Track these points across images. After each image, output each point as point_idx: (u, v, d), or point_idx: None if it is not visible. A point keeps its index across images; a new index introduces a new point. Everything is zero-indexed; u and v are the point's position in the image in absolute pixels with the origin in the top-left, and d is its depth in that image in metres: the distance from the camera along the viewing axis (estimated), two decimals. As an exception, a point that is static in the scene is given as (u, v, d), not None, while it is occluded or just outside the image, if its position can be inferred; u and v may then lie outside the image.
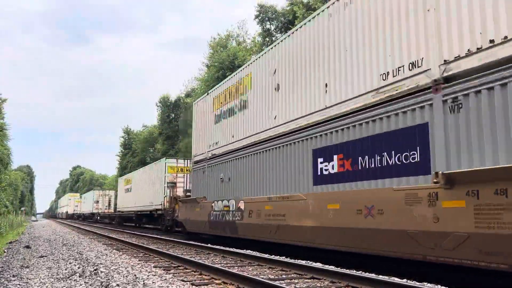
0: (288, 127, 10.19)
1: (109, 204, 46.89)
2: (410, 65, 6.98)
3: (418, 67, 6.83)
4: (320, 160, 8.98)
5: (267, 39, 33.05)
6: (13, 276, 7.39)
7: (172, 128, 46.93)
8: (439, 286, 6.06)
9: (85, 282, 6.55)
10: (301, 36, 10.11)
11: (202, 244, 12.64)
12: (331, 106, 8.75)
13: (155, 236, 18.07)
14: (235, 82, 13.77)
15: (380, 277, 6.46)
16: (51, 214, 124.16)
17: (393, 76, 7.29)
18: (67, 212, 72.03)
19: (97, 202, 48.16)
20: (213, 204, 14.22)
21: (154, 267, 8.34)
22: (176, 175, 23.79)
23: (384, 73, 7.51)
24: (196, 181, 16.53)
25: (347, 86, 8.37)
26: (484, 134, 5.69)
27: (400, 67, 7.18)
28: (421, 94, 6.68)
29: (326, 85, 9.02)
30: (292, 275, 7.28)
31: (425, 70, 6.68)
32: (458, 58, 6.15)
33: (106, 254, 10.75)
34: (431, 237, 6.16)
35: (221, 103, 14.68)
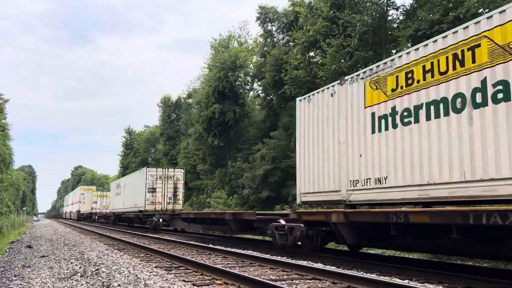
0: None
1: (175, 196, 25.23)
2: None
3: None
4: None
5: (269, 40, 33.10)
6: (15, 275, 7.41)
7: (173, 128, 46.99)
8: (440, 287, 6.06)
9: (86, 282, 6.56)
10: None
11: (203, 245, 12.65)
12: None
13: (156, 236, 18.08)
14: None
15: (382, 278, 6.47)
16: (55, 213, 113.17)
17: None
18: (78, 211, 53.25)
19: (153, 190, 24.77)
20: None
21: (155, 267, 8.35)
22: None
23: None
24: None
25: None
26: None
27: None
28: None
29: None
30: (294, 275, 7.28)
31: None
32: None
33: (108, 254, 10.76)
34: None
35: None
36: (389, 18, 20.32)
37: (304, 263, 8.16)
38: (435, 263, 9.31)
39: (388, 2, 19.77)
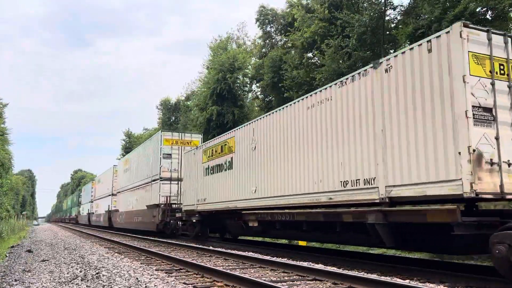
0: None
1: None
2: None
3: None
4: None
5: (267, 41, 33.12)
6: (15, 280, 7.39)
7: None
8: (441, 286, 6.05)
9: (87, 286, 6.54)
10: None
11: (204, 247, 12.63)
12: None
13: (156, 239, 18.05)
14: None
15: (383, 278, 6.46)
16: (61, 217, 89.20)
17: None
18: (164, 212, 19.30)
19: None
20: None
21: (156, 270, 8.34)
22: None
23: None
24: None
25: None
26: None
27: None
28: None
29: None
30: (294, 276, 7.27)
31: None
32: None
33: (108, 258, 10.75)
34: None
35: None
36: (387, 18, 20.35)
37: (304, 264, 8.15)
38: (436, 262, 9.31)
39: (386, 1, 19.80)
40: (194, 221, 16.71)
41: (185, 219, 17.58)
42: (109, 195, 32.79)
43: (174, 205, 19.66)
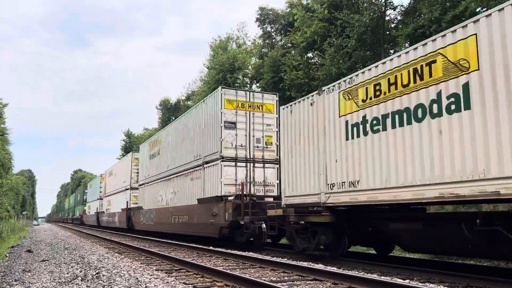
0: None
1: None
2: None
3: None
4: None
5: (267, 41, 33.14)
6: (15, 280, 7.39)
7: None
8: (441, 286, 6.05)
9: (87, 286, 6.54)
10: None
11: (204, 247, 12.63)
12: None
13: (156, 239, 18.05)
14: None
15: (383, 278, 6.46)
16: (62, 217, 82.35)
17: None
18: None
19: None
20: None
21: (156, 270, 8.34)
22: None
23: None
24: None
25: None
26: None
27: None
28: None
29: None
30: (294, 276, 7.27)
31: None
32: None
33: (108, 258, 10.75)
34: None
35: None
36: (387, 18, 20.36)
37: (305, 264, 8.15)
38: (436, 262, 9.31)
39: (386, 2, 19.82)
40: (313, 223, 9.67)
41: (293, 220, 10.24)
42: (127, 189, 26.55)
43: (255, 198, 13.26)
